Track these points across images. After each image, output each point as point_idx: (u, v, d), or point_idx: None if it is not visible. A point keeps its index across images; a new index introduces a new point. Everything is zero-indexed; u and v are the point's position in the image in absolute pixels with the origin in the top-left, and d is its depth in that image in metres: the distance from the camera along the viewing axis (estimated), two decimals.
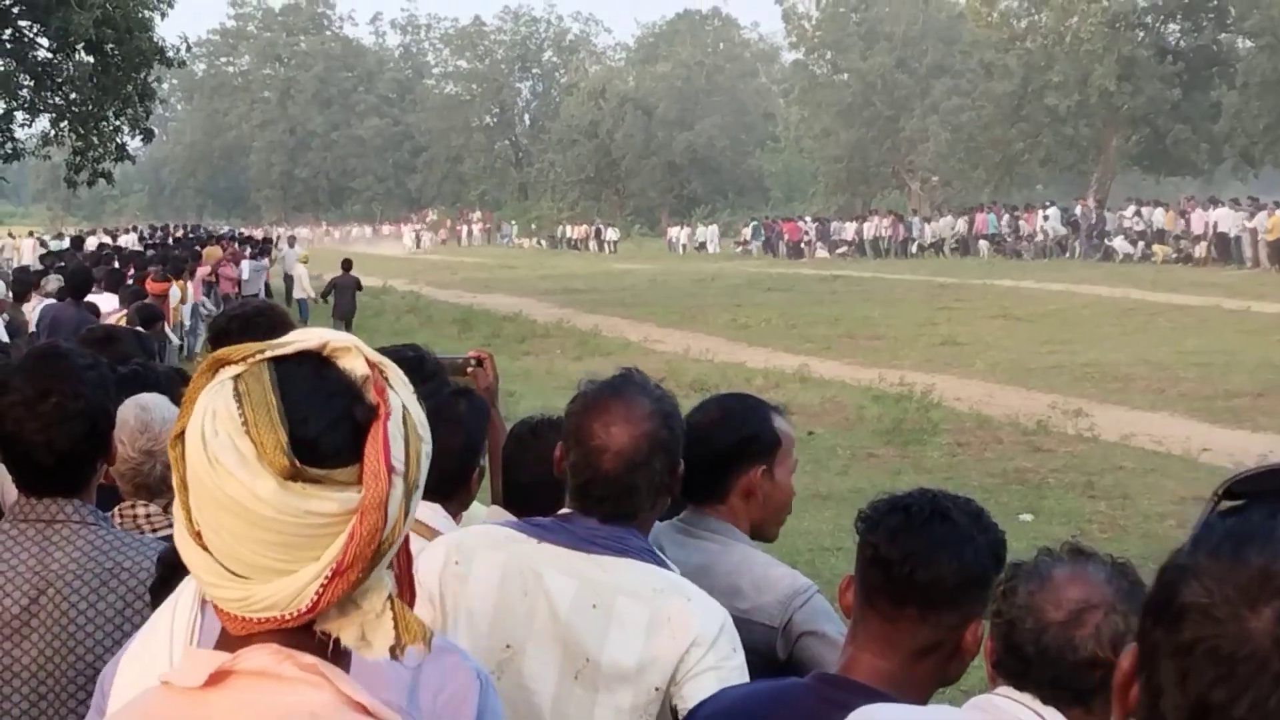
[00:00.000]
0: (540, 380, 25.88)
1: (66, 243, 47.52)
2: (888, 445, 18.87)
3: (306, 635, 1.91)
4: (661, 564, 3.65)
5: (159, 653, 2.60)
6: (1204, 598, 1.41)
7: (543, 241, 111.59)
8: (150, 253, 37.76)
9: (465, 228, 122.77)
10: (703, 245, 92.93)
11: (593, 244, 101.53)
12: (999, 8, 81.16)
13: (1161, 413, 21.11)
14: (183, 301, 26.87)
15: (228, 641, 1.94)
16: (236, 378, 1.89)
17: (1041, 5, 77.46)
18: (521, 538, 3.64)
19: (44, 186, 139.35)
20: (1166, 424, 20.02)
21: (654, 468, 3.60)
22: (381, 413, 1.89)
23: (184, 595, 2.65)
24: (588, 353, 31.15)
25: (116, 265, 28.87)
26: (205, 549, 1.89)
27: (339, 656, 1.94)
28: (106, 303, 18.75)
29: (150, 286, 21.53)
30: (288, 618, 1.87)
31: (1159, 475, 16.53)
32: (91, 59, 45.91)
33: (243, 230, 78.67)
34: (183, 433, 1.90)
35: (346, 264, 36.77)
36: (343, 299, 35.52)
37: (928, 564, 3.18)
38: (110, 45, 45.01)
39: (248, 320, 5.70)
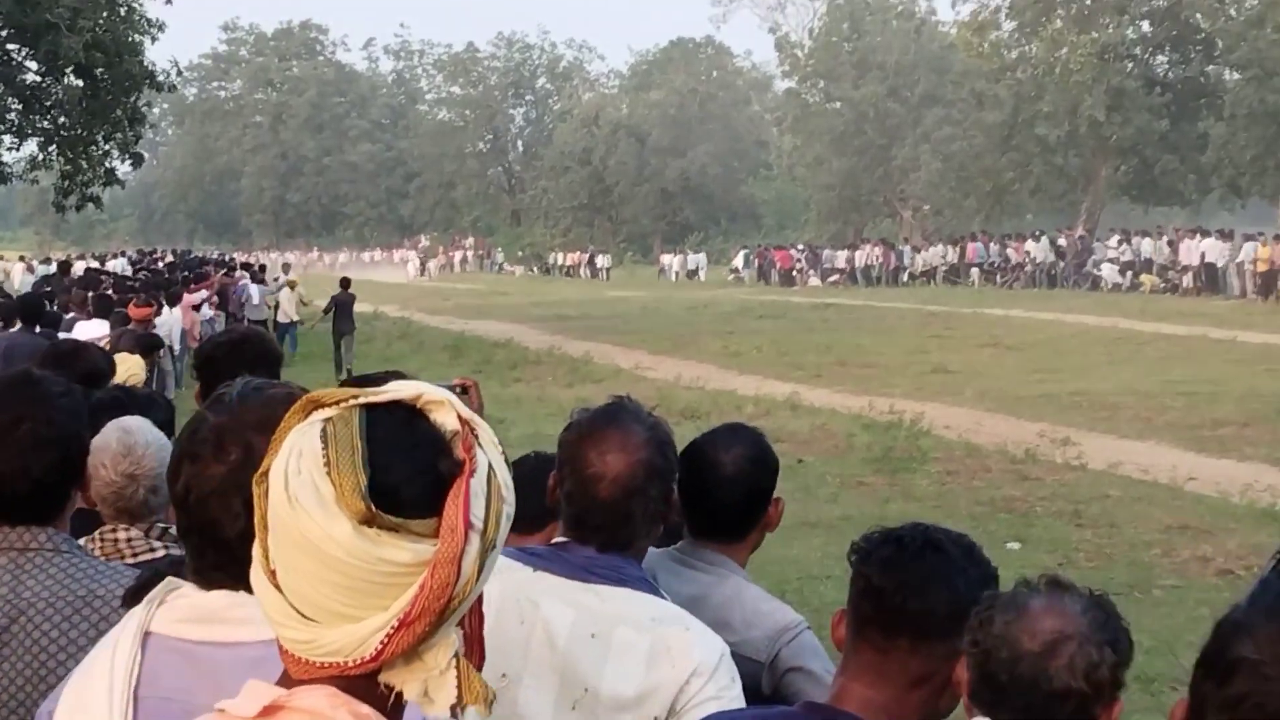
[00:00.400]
0: (531, 407, 25.88)
1: (54, 267, 47.50)
2: (877, 473, 18.89)
3: (368, 685, 1.92)
4: (657, 594, 3.66)
5: (97, 690, 2.56)
6: (1255, 654, 1.49)
7: (535, 268, 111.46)
8: (140, 278, 37.70)
9: (459, 254, 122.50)
10: (694, 272, 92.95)
11: (585, 270, 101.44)
12: (990, 38, 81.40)
13: (1149, 441, 21.15)
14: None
15: (288, 680, 1.96)
16: (327, 420, 1.91)
17: (1032, 36, 77.70)
18: (517, 566, 3.63)
19: (32, 211, 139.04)
20: (1153, 453, 20.07)
21: (650, 495, 3.62)
22: (466, 469, 1.89)
23: (125, 632, 2.64)
24: (579, 380, 31.16)
25: (109, 291, 28.78)
26: (279, 588, 1.91)
27: (397, 711, 1.96)
28: (97, 329, 18.58)
29: (133, 312, 21.46)
30: (350, 665, 1.88)
31: (1145, 504, 16.57)
32: (81, 83, 45.75)
33: (234, 256, 78.47)
34: (267, 471, 1.93)
35: (345, 282, 36.71)
36: (342, 317, 35.46)
37: (920, 594, 3.23)
38: (100, 69, 44.87)
39: (234, 347, 5.75)
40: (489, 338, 42.91)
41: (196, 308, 32.38)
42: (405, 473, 1.87)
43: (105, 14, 44.92)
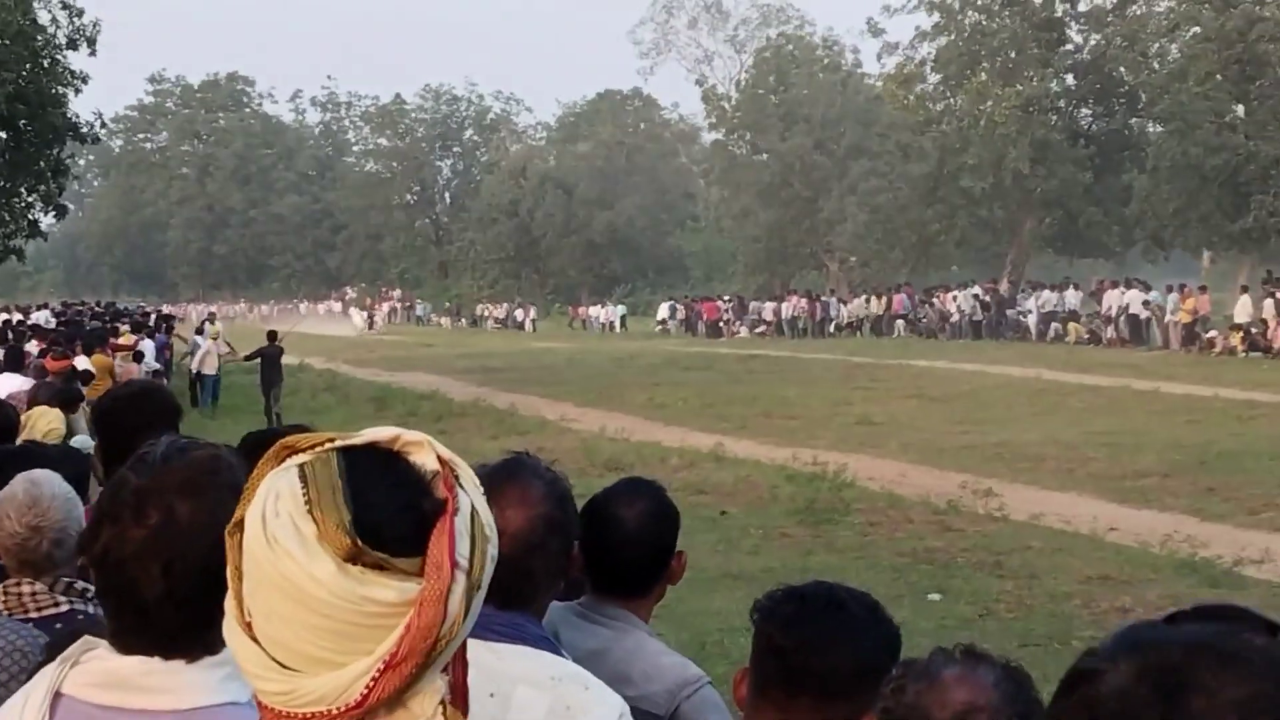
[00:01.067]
0: None
1: None
2: (800, 525, 18.89)
3: None
4: (556, 651, 3.59)
5: None
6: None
7: (463, 319, 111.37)
8: (59, 329, 37.49)
9: (386, 305, 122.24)
10: (611, 325, 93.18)
11: (522, 319, 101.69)
12: (915, 91, 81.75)
13: (1070, 492, 21.24)
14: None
15: None
16: (304, 463, 1.87)
17: (957, 89, 78.04)
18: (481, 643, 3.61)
19: None
20: (1075, 504, 20.13)
21: (550, 551, 3.58)
22: (449, 507, 1.86)
23: (36, 691, 2.60)
24: (504, 431, 31.11)
25: (14, 343, 28.53)
26: (254, 639, 1.86)
27: None
28: (6, 383, 18.39)
29: (49, 365, 21.31)
30: (335, 713, 1.83)
31: (1066, 555, 16.62)
32: (3, 135, 45.59)
33: (143, 306, 78.00)
34: (241, 521, 1.89)
35: (272, 335, 37.44)
36: (269, 369, 36.16)
37: (823, 652, 3.23)
38: (23, 121, 44.74)
39: (133, 401, 5.69)
40: (415, 389, 42.77)
41: (138, 358, 32.55)
42: (388, 510, 1.83)
43: (28, 66, 44.79)
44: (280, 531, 1.81)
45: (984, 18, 77.82)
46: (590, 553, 4.11)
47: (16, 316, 51.30)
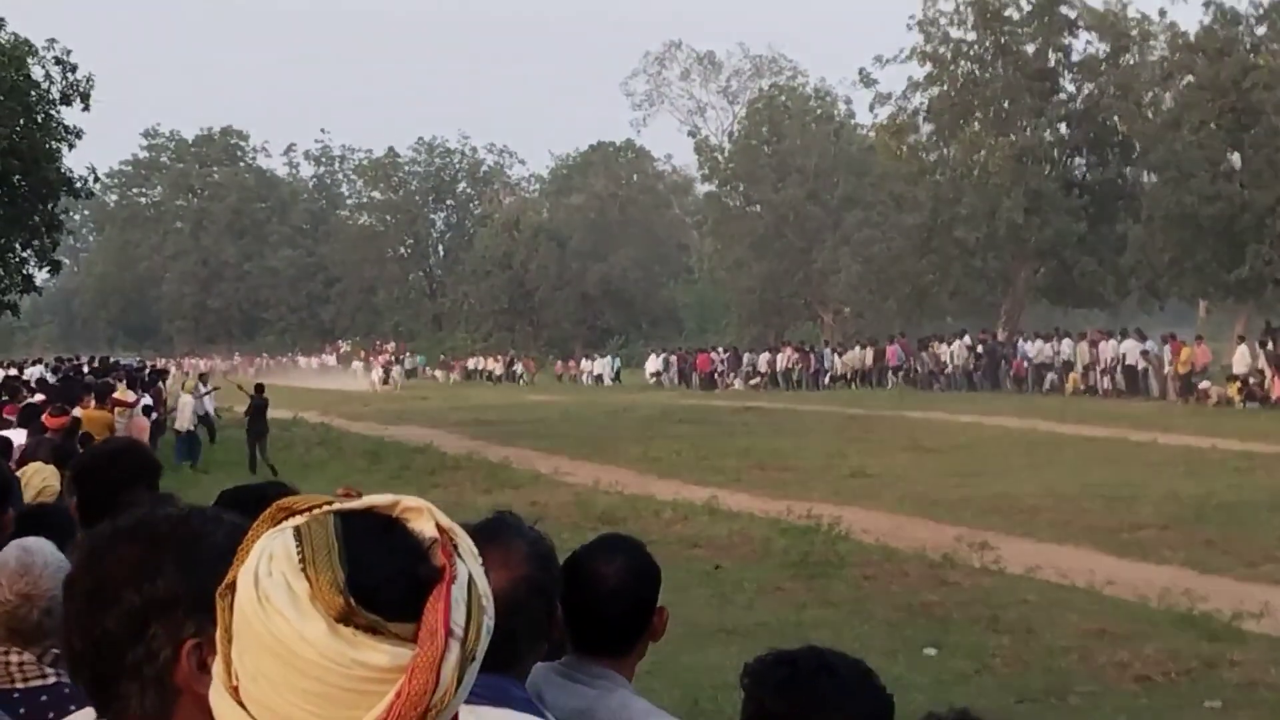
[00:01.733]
0: (447, 513, 25.35)
1: None
2: (794, 578, 18.78)
3: None
4: (540, 714, 3.55)
5: None
6: None
7: (455, 374, 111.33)
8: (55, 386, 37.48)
9: (382, 358, 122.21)
10: (599, 378, 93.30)
11: (512, 374, 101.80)
12: (908, 141, 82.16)
13: (1067, 545, 21.11)
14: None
15: None
16: (300, 524, 1.85)
17: (950, 139, 78.37)
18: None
19: None
20: (1072, 557, 20.01)
21: (533, 613, 3.57)
22: (447, 575, 1.84)
23: None
24: (497, 485, 31.03)
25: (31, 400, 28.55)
26: (241, 704, 1.83)
27: None
28: (17, 438, 18.34)
29: (48, 421, 21.21)
30: None
31: (1063, 609, 16.48)
32: None
33: (144, 361, 78.06)
34: (233, 583, 1.86)
35: (259, 388, 38.76)
36: (255, 420, 37.28)
37: (814, 718, 3.15)
38: (16, 176, 44.84)
39: (112, 459, 5.65)
40: (408, 443, 42.74)
41: (146, 413, 33.07)
42: (384, 574, 1.81)
43: (22, 121, 44.90)
44: (273, 590, 1.79)
45: (976, 68, 78.24)
46: (570, 611, 4.05)
47: (12, 372, 51.29)
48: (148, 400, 36.43)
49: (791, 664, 3.32)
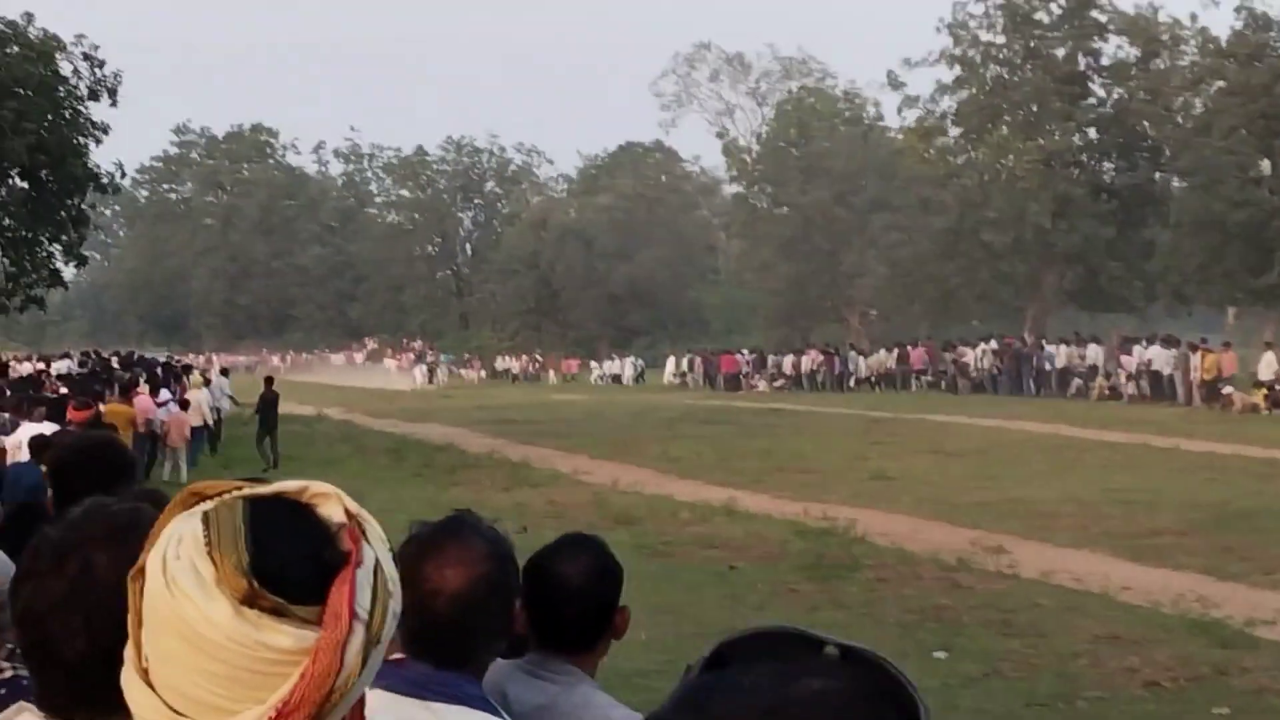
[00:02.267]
0: (468, 509, 25.68)
1: None
2: (808, 580, 18.72)
3: None
4: (495, 712, 3.55)
5: None
6: None
7: (482, 372, 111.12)
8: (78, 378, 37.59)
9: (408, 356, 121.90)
10: (617, 378, 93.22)
11: (527, 371, 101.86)
12: (936, 144, 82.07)
13: (1084, 550, 21.02)
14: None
15: None
16: (209, 509, 1.85)
17: (978, 142, 78.27)
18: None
19: None
20: (1088, 561, 19.94)
21: (490, 611, 3.54)
22: (352, 559, 1.84)
23: None
24: (517, 484, 31.02)
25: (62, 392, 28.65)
26: (151, 686, 1.81)
27: None
28: (46, 430, 18.36)
29: (72, 414, 21.28)
30: None
31: (1076, 614, 16.41)
32: (25, 185, 45.79)
33: (175, 357, 78.17)
34: (144, 566, 1.85)
35: (269, 381, 39.76)
36: (266, 413, 38.00)
37: None
38: (44, 171, 44.96)
39: (87, 454, 5.63)
40: (430, 441, 42.79)
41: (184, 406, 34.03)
42: (289, 557, 1.82)
43: (50, 117, 45.04)
44: (180, 574, 1.79)
45: (1005, 71, 78.15)
46: (533, 609, 4.10)
47: (39, 365, 51.37)
48: (172, 395, 36.58)
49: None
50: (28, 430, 18.56)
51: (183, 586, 1.77)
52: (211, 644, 1.75)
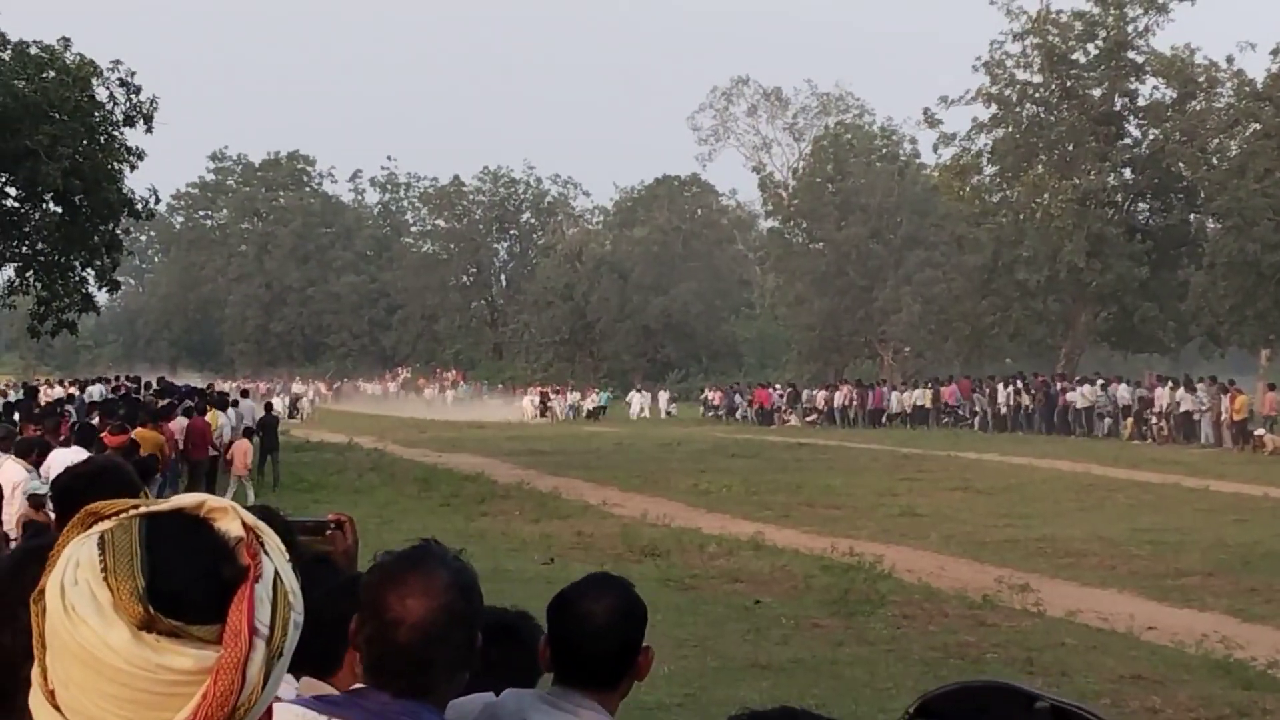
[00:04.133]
0: (494, 541, 25.79)
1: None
2: (833, 615, 18.73)
3: None
4: None
5: None
6: None
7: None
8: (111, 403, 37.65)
9: (437, 386, 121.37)
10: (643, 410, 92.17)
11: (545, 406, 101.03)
12: (971, 182, 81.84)
13: (1110, 589, 21.04)
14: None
15: None
16: (105, 530, 1.85)
17: (1013, 181, 78.07)
18: (313, 715, 3.51)
19: (17, 336, 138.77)
20: (1114, 601, 19.94)
21: (451, 642, 3.56)
22: (250, 574, 1.85)
23: None
24: (546, 515, 31.04)
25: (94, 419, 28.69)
26: (58, 709, 1.82)
27: None
28: (76, 457, 18.34)
29: (107, 439, 21.35)
30: None
31: (1100, 653, 16.42)
32: (59, 209, 45.88)
33: (214, 384, 78.34)
34: (44, 588, 1.85)
35: (268, 406, 42.64)
36: (267, 437, 39.34)
37: None
38: (78, 196, 44.98)
39: (92, 479, 5.66)
40: (460, 471, 42.75)
41: None
42: (186, 578, 1.82)
43: (85, 142, 45.07)
44: (78, 600, 1.79)
45: (1042, 110, 78.02)
46: (557, 645, 4.16)
47: (73, 390, 51.45)
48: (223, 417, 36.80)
49: None
50: (62, 457, 18.58)
51: (80, 613, 1.78)
52: (112, 669, 1.77)
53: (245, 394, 47.83)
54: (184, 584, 1.81)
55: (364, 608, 3.61)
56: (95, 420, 27.50)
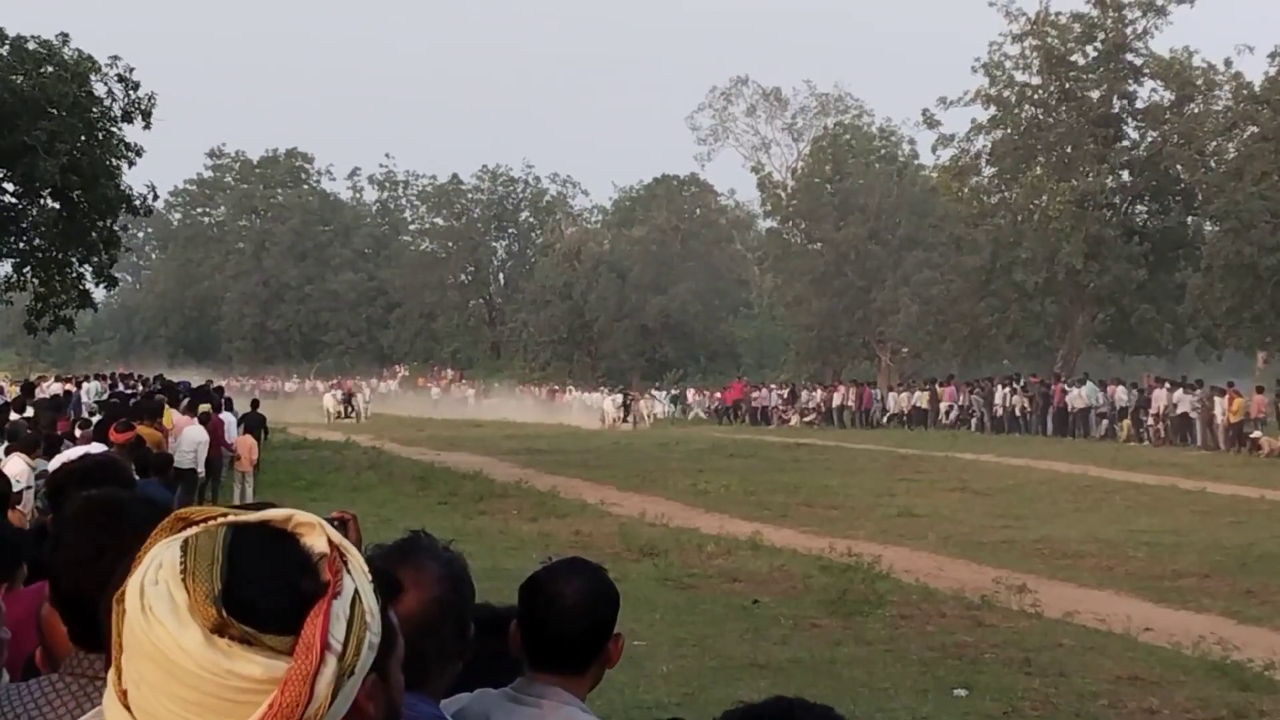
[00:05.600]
0: (492, 540, 25.79)
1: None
2: (831, 615, 18.74)
3: None
4: None
5: None
6: None
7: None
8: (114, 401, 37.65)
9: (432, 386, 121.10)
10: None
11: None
12: (970, 183, 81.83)
13: (1107, 591, 21.08)
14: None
15: None
16: (191, 535, 1.88)
17: (1012, 183, 78.08)
18: None
19: (14, 332, 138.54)
20: (1111, 602, 19.97)
21: (443, 633, 3.61)
22: (330, 590, 1.87)
23: None
24: (544, 514, 31.05)
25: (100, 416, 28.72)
26: (128, 709, 1.84)
27: None
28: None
29: (114, 436, 21.35)
30: None
31: (1097, 654, 16.44)
32: (57, 205, 45.88)
33: (213, 381, 78.03)
34: (126, 590, 1.87)
35: (254, 404, 42.06)
36: (252, 432, 38.52)
37: None
38: (76, 192, 45.01)
39: (86, 475, 5.68)
40: (458, 469, 42.73)
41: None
42: (264, 587, 1.83)
43: (83, 138, 45.10)
44: (156, 600, 1.81)
45: (1040, 112, 78.03)
46: (527, 628, 4.17)
47: (69, 387, 51.38)
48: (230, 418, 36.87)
49: (757, 718, 3.33)
50: (77, 452, 18.61)
51: (158, 613, 1.80)
52: (183, 671, 1.78)
53: (220, 390, 47.73)
54: (260, 592, 1.83)
55: None
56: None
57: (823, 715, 3.33)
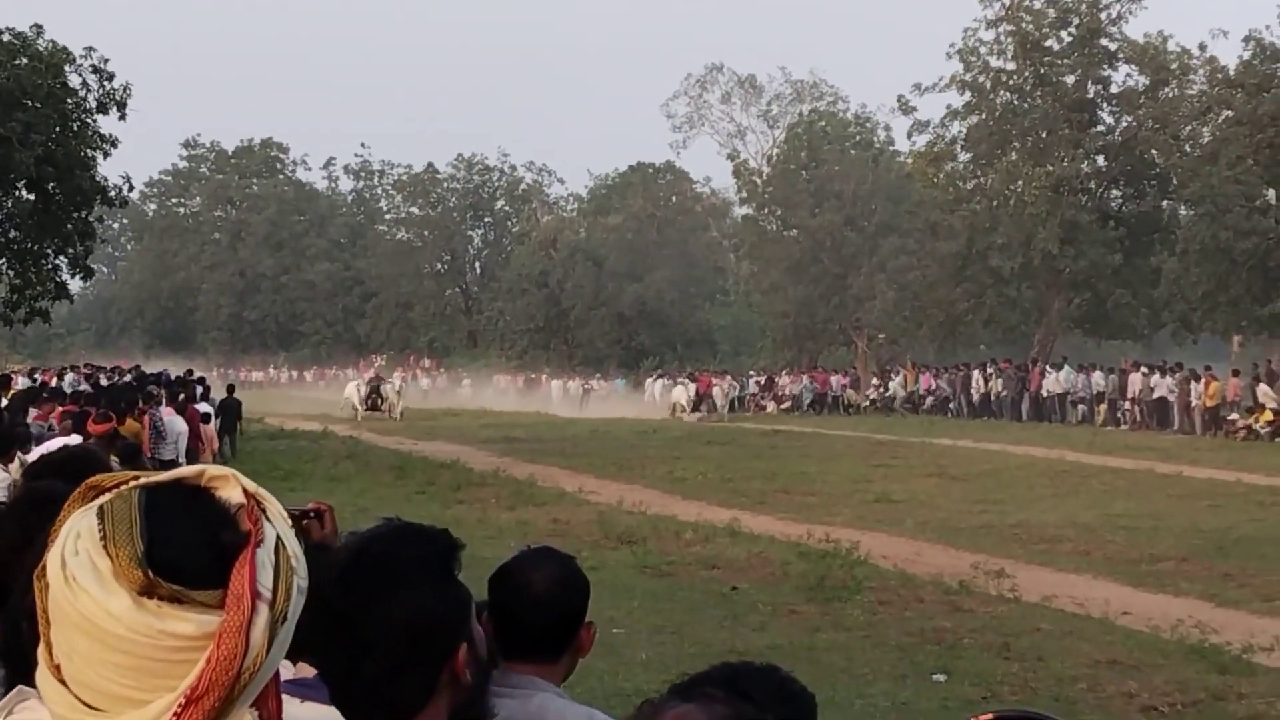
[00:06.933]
0: (470, 528, 25.63)
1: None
2: (810, 602, 18.73)
3: None
4: None
5: None
6: None
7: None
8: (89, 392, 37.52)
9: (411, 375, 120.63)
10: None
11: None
12: (945, 169, 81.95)
13: (1085, 575, 21.10)
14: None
15: None
16: (105, 501, 1.87)
17: (987, 168, 78.11)
18: (285, 698, 3.53)
19: None
20: (1089, 586, 19.99)
21: None
22: (252, 539, 1.86)
23: None
24: (521, 502, 30.96)
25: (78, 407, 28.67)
26: (63, 683, 1.84)
27: None
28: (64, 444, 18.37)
29: (92, 428, 21.33)
30: None
31: (1075, 638, 16.45)
32: (32, 197, 45.75)
33: (195, 372, 77.76)
34: (46, 564, 1.87)
35: (230, 389, 44.51)
36: (227, 418, 41.45)
37: None
38: (51, 184, 44.91)
39: (62, 466, 5.63)
40: (436, 458, 42.59)
41: (205, 420, 34.76)
42: (186, 544, 1.83)
43: (58, 129, 45.01)
44: (78, 570, 1.81)
45: (1015, 97, 78.04)
46: (497, 617, 4.15)
47: (42, 378, 51.20)
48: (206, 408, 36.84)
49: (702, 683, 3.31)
50: (58, 443, 18.57)
51: (82, 582, 1.80)
52: (114, 637, 1.78)
53: (201, 380, 47.61)
54: (184, 550, 1.82)
55: None
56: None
57: (766, 674, 3.32)
